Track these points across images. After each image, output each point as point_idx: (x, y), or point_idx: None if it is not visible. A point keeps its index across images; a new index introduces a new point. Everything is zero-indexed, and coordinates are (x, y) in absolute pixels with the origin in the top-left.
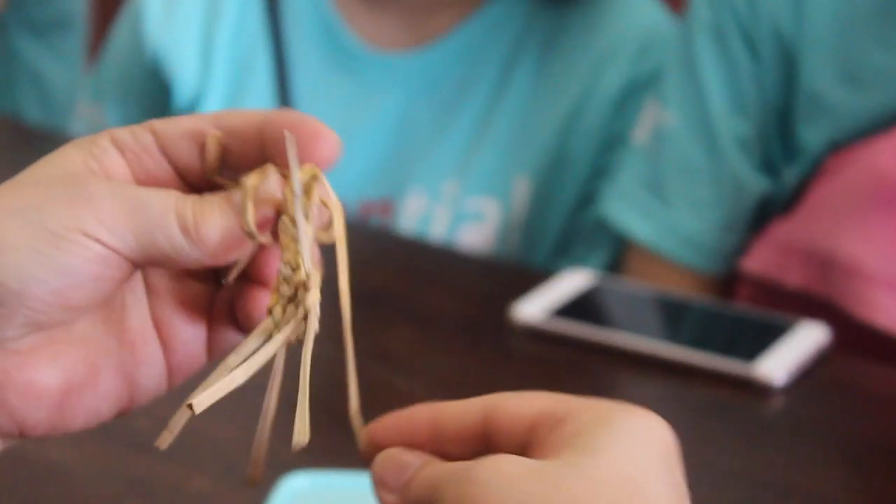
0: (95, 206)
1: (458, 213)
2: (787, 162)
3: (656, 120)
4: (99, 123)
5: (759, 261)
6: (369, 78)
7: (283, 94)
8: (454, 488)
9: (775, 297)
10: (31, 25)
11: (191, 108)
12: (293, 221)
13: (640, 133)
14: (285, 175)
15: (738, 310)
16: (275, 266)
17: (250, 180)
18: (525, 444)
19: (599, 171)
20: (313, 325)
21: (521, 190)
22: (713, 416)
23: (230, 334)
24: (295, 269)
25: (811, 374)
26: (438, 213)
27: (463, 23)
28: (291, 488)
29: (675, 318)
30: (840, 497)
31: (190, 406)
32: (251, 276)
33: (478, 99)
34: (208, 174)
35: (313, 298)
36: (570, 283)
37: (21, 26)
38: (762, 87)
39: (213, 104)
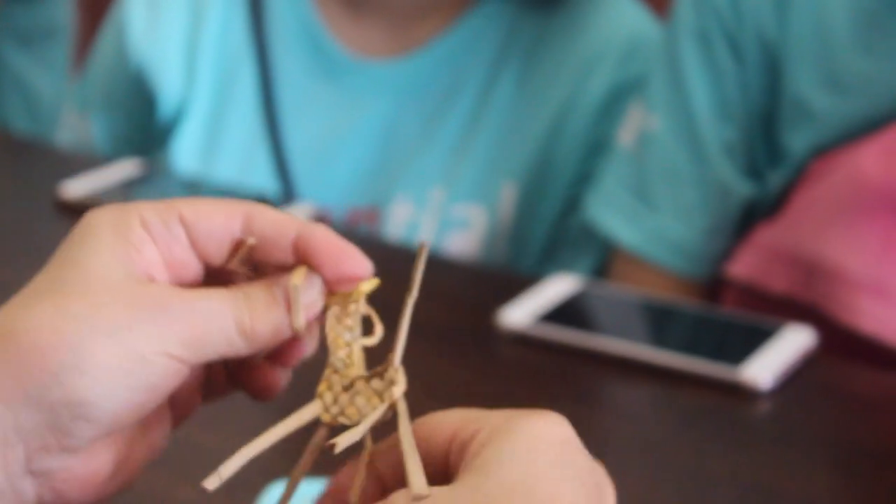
0: (177, 327)
1: (445, 220)
2: (772, 167)
3: (642, 123)
4: (84, 134)
5: (744, 266)
6: (354, 86)
7: (268, 104)
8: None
9: (761, 302)
10: (18, 34)
11: (175, 118)
12: (343, 322)
13: (625, 135)
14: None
15: (724, 314)
16: (301, 353)
17: (296, 281)
18: (450, 463)
19: (585, 177)
20: (405, 409)
21: (508, 196)
22: (700, 420)
23: (225, 385)
24: (348, 364)
25: (798, 377)
26: (425, 220)
27: (447, 30)
28: (277, 496)
29: (661, 322)
30: (827, 501)
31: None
32: (271, 356)
33: (463, 106)
34: (228, 266)
35: (400, 391)
36: (557, 288)
37: (7, 35)
38: (747, 92)
39: (198, 113)
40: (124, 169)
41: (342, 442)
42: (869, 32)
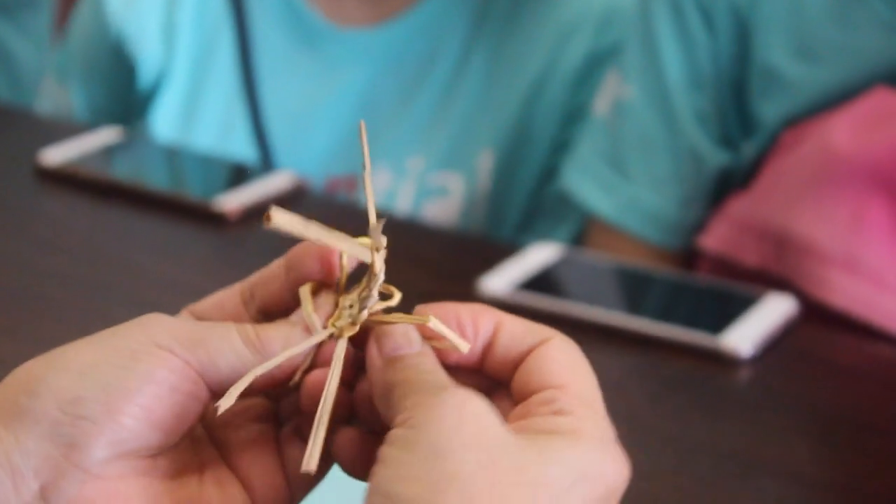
0: (164, 325)
1: (423, 188)
2: (746, 136)
3: (616, 93)
4: (63, 102)
5: (716, 239)
6: (332, 54)
7: (247, 72)
8: (419, 396)
9: (734, 274)
10: None
11: (155, 87)
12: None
13: (601, 104)
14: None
15: (704, 282)
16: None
17: (307, 288)
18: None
19: (562, 145)
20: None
21: (485, 164)
22: (680, 388)
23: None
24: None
25: (778, 345)
26: (403, 188)
27: None
28: None
29: (642, 290)
30: (806, 468)
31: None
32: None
33: (440, 73)
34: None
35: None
36: (537, 256)
37: None
38: (718, 61)
39: (177, 82)
40: (104, 136)
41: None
42: (842, 2)
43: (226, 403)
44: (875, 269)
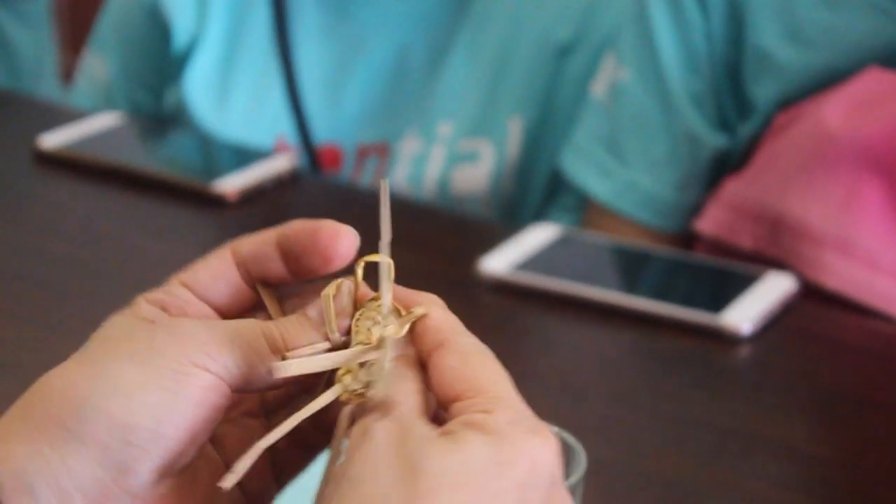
0: (197, 339)
1: (453, 153)
2: (741, 118)
3: (613, 76)
4: (101, 73)
5: (711, 222)
6: (364, 19)
7: (282, 38)
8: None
9: (731, 257)
10: None
11: (188, 52)
12: (367, 317)
13: (598, 87)
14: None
15: (704, 260)
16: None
17: (330, 292)
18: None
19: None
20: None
21: (515, 131)
22: (679, 366)
23: (292, 455)
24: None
25: (778, 323)
26: (433, 153)
27: None
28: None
29: (641, 269)
30: (805, 446)
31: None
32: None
33: (469, 38)
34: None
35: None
36: (537, 236)
37: None
38: (712, 44)
39: (211, 48)
40: (102, 121)
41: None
42: None
43: (232, 480)
44: (869, 251)
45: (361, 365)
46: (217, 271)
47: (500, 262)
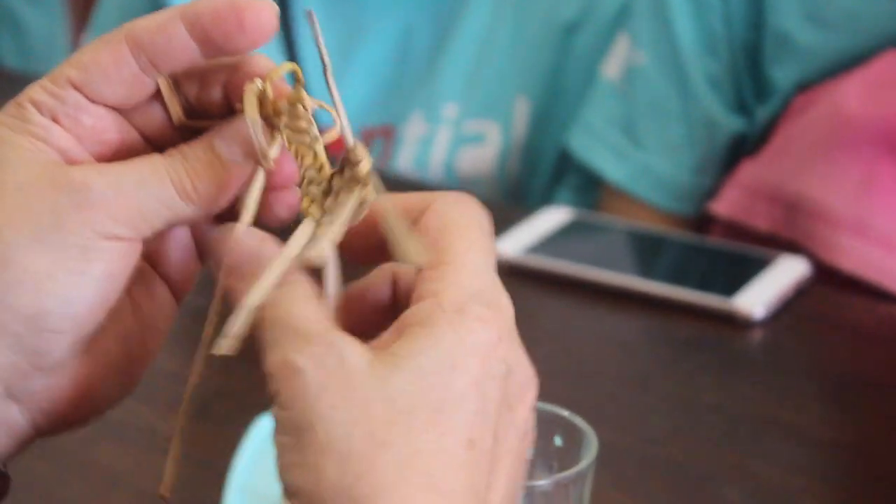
0: (102, 205)
1: (458, 135)
2: (759, 101)
3: (628, 58)
4: None
5: (727, 204)
6: (368, 3)
7: (285, 22)
8: (280, 354)
9: (746, 239)
10: None
11: None
12: (297, 129)
13: (610, 68)
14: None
15: (717, 244)
16: (286, 170)
17: (251, 112)
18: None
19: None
20: (377, 184)
21: (521, 112)
22: (692, 350)
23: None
24: (319, 168)
25: (791, 307)
26: (439, 136)
27: None
28: (268, 427)
29: (654, 253)
30: (818, 429)
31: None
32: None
33: (474, 19)
34: (176, 121)
35: (366, 167)
36: (550, 219)
37: None
38: (731, 26)
39: None
40: None
41: (324, 250)
42: None
43: (228, 346)
44: (885, 233)
45: (325, 193)
46: (111, 68)
47: (512, 245)
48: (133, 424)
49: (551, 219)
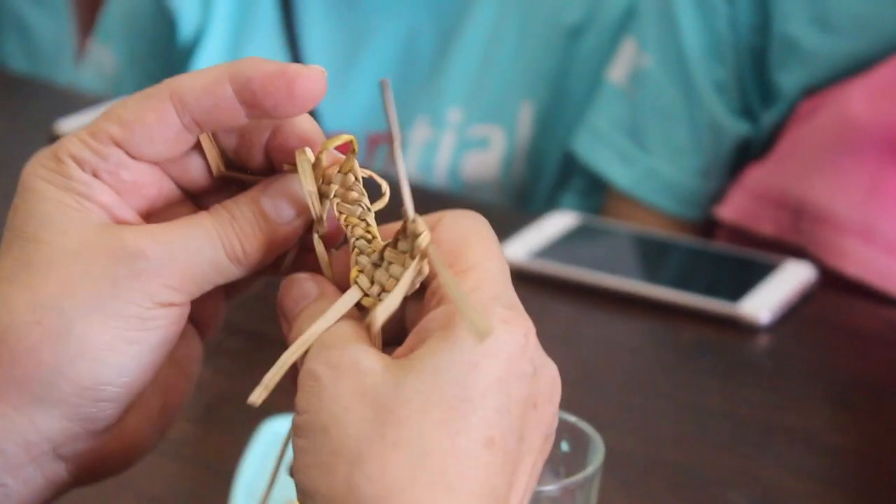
0: (159, 273)
1: (463, 140)
2: (765, 106)
3: (634, 62)
4: (108, 62)
5: (733, 209)
6: (372, 8)
7: (289, 29)
8: (305, 364)
9: (751, 244)
10: None
11: (194, 42)
12: (348, 199)
13: (616, 72)
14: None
15: (723, 249)
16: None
17: (308, 184)
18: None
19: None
20: (438, 255)
21: (525, 116)
22: (698, 355)
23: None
24: (371, 239)
25: (796, 312)
26: (443, 140)
27: None
28: (273, 431)
29: (660, 258)
30: (824, 434)
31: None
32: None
33: (479, 23)
34: (216, 172)
35: (426, 240)
36: (556, 224)
37: None
38: (737, 31)
39: (217, 37)
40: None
41: (380, 315)
42: None
43: (262, 395)
44: (891, 238)
45: (376, 264)
46: (155, 127)
47: (518, 250)
48: None
49: (557, 224)
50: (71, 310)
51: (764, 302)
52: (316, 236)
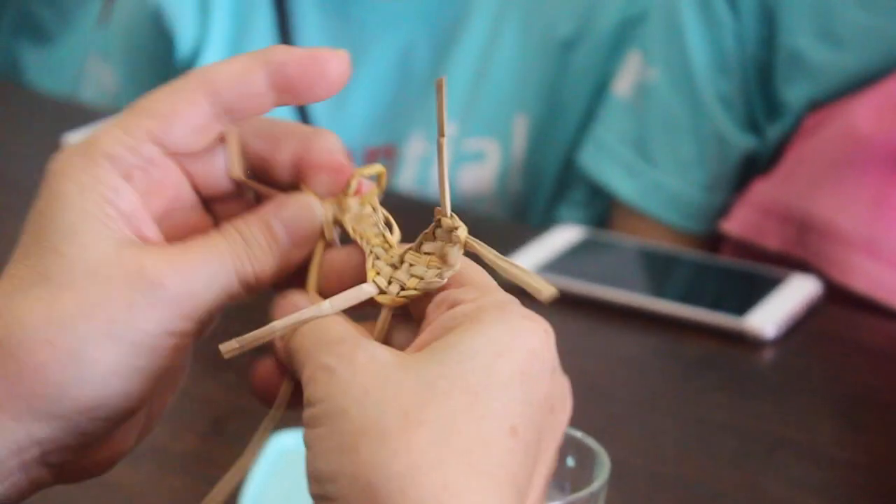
0: (175, 304)
1: (458, 153)
2: (771, 120)
3: (640, 75)
4: (107, 81)
5: (739, 223)
6: (367, 22)
7: (286, 44)
8: (313, 364)
9: (757, 258)
10: None
11: (193, 60)
12: (362, 220)
13: (622, 85)
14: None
15: (728, 263)
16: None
17: (329, 210)
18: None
19: (595, 112)
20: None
21: (520, 129)
22: (703, 369)
23: None
24: (388, 248)
25: (802, 326)
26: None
27: None
28: (279, 447)
29: (665, 272)
30: (830, 449)
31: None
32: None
33: (473, 38)
34: (231, 174)
35: (464, 231)
36: (561, 238)
37: None
38: (743, 45)
39: (214, 55)
40: None
41: (423, 287)
42: None
43: (234, 351)
44: None
45: (395, 266)
46: (191, 121)
47: (524, 264)
48: (146, 444)
49: (562, 238)
50: (83, 332)
51: (769, 316)
52: (319, 245)
